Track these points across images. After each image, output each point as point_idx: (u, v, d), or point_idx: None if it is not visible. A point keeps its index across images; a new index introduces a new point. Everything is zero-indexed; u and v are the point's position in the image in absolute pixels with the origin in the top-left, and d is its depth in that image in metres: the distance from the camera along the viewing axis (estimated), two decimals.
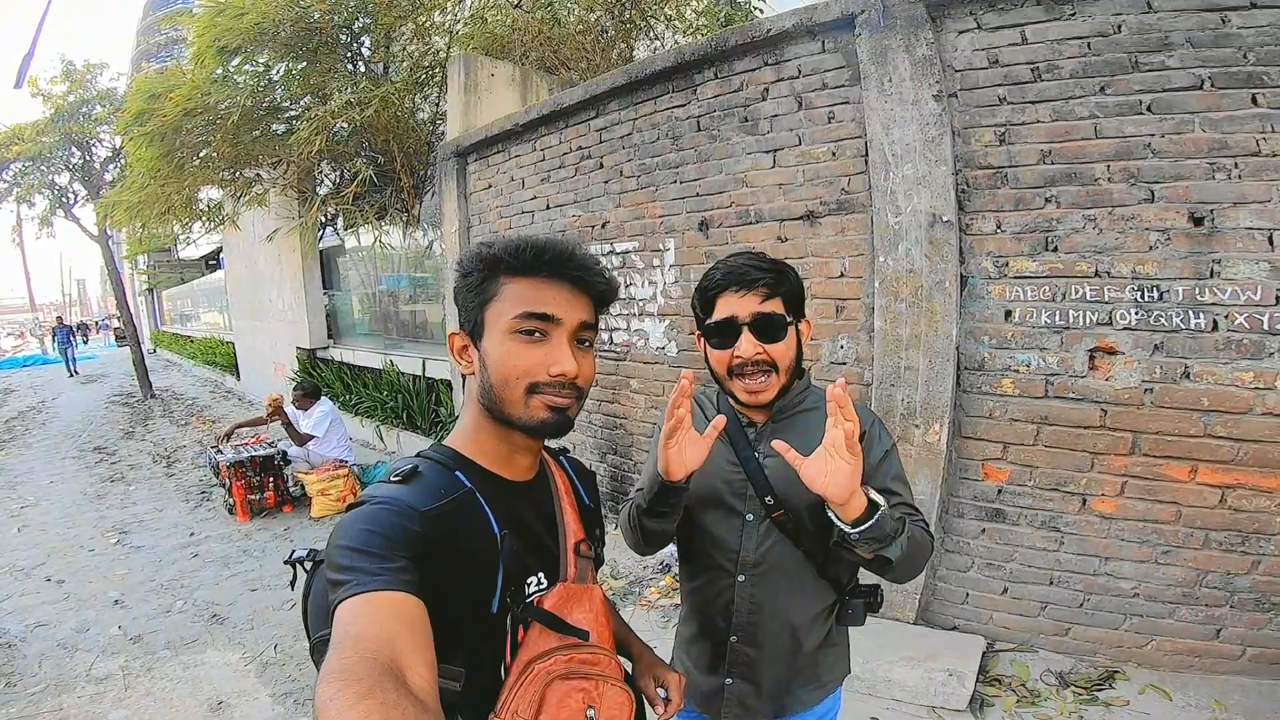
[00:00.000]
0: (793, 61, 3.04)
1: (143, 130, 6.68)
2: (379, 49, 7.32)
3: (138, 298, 26.76)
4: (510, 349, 0.88)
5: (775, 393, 1.21)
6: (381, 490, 0.84)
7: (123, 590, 4.04)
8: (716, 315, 1.21)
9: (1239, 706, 2.35)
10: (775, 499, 1.23)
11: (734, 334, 1.19)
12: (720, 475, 1.27)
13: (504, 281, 0.89)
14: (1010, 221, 2.61)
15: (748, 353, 1.17)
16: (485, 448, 0.94)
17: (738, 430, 1.28)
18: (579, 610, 0.94)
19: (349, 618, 0.67)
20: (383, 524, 0.77)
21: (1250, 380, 2.28)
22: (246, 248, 10.90)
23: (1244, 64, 2.24)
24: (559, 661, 0.86)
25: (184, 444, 8.30)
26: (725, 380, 1.24)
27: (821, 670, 1.33)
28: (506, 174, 4.78)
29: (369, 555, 0.73)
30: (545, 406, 0.88)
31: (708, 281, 1.24)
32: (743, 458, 1.26)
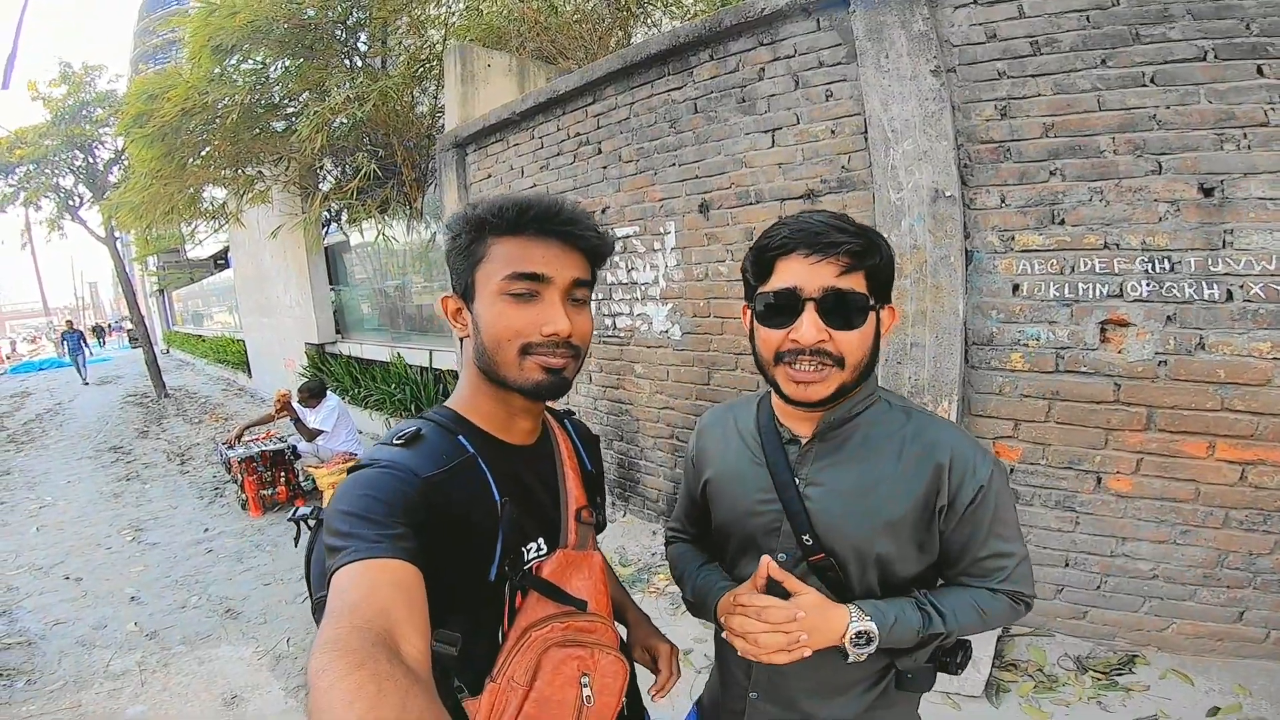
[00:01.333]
0: (788, 40, 2.99)
1: (142, 131, 6.69)
2: (375, 43, 7.29)
3: (149, 299, 26.99)
4: (501, 310, 0.86)
5: (832, 391, 0.92)
6: (384, 453, 0.84)
7: (139, 587, 4.10)
8: (774, 283, 0.92)
9: (1264, 691, 2.29)
10: (815, 539, 0.98)
11: (794, 310, 0.90)
12: (754, 504, 1.04)
13: (491, 242, 0.88)
14: (1015, 195, 2.56)
15: (808, 338, 0.89)
16: (485, 410, 0.93)
17: (776, 448, 1.03)
18: (578, 577, 0.93)
19: (345, 585, 0.67)
20: (383, 489, 0.77)
21: (1268, 350, 2.22)
22: (253, 246, 10.95)
23: (1247, 35, 2.18)
24: (555, 629, 0.86)
25: (197, 441, 8.40)
26: (769, 366, 0.96)
27: None
28: (506, 163, 4.75)
29: (368, 521, 0.72)
30: (540, 368, 0.87)
31: (769, 239, 0.93)
32: (779, 484, 1.01)
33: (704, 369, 3.63)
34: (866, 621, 0.92)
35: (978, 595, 1.00)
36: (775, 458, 1.03)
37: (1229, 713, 2.23)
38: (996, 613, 1.00)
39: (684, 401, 3.77)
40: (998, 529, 0.98)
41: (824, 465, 1.01)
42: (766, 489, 1.03)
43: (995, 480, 0.97)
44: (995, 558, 1.00)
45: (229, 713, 2.76)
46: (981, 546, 0.99)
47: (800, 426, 1.03)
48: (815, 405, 0.95)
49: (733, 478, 1.09)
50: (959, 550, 1.00)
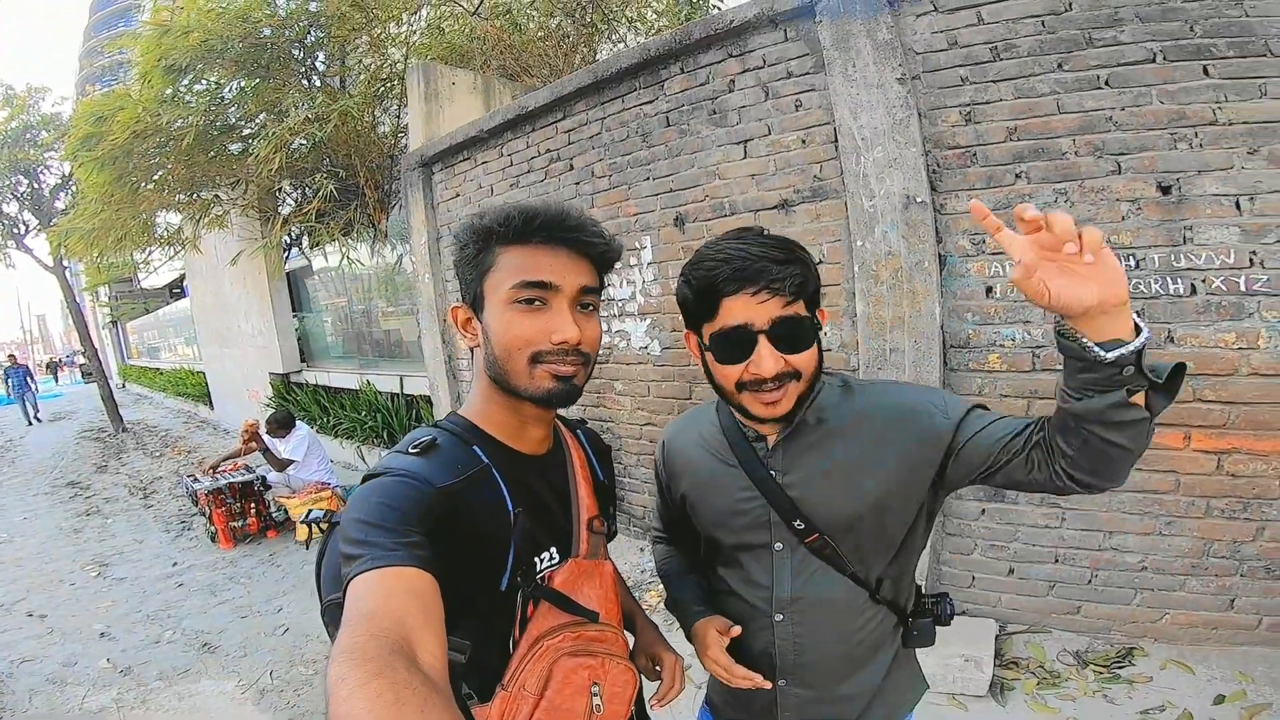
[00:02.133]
0: (757, 51, 3.02)
1: (91, 154, 6.49)
2: (334, 63, 7.20)
3: (102, 331, 26.10)
4: (510, 319, 0.86)
5: (794, 402, 0.98)
6: (398, 462, 0.84)
7: (108, 622, 3.97)
8: (723, 321, 0.95)
9: (1265, 677, 2.32)
10: (806, 522, 1.04)
11: (749, 344, 0.94)
12: (734, 506, 1.09)
13: (499, 251, 0.88)
14: (983, 199, 2.60)
15: (768, 369, 0.93)
16: (497, 419, 0.93)
17: (745, 448, 1.08)
18: (589, 587, 0.94)
19: (362, 593, 0.67)
20: (399, 497, 0.77)
21: (1233, 341, 2.29)
22: (211, 273, 10.67)
23: (1192, 36, 2.27)
24: (567, 639, 0.87)
25: (160, 475, 8.14)
26: (734, 395, 1.00)
27: (891, 696, 1.14)
28: (474, 181, 4.71)
29: (383, 529, 0.73)
30: (550, 376, 0.87)
31: (709, 278, 0.95)
32: (757, 480, 1.06)
33: (685, 383, 3.62)
34: None
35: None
36: (746, 456, 1.08)
37: (1234, 700, 2.26)
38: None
39: (666, 417, 3.75)
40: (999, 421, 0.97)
41: (793, 453, 1.06)
42: (745, 487, 1.08)
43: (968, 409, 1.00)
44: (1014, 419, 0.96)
45: None
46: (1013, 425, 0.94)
47: (763, 427, 1.07)
48: (781, 420, 1.01)
49: (709, 484, 1.13)
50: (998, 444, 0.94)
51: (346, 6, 6.23)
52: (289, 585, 4.23)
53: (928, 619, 1.13)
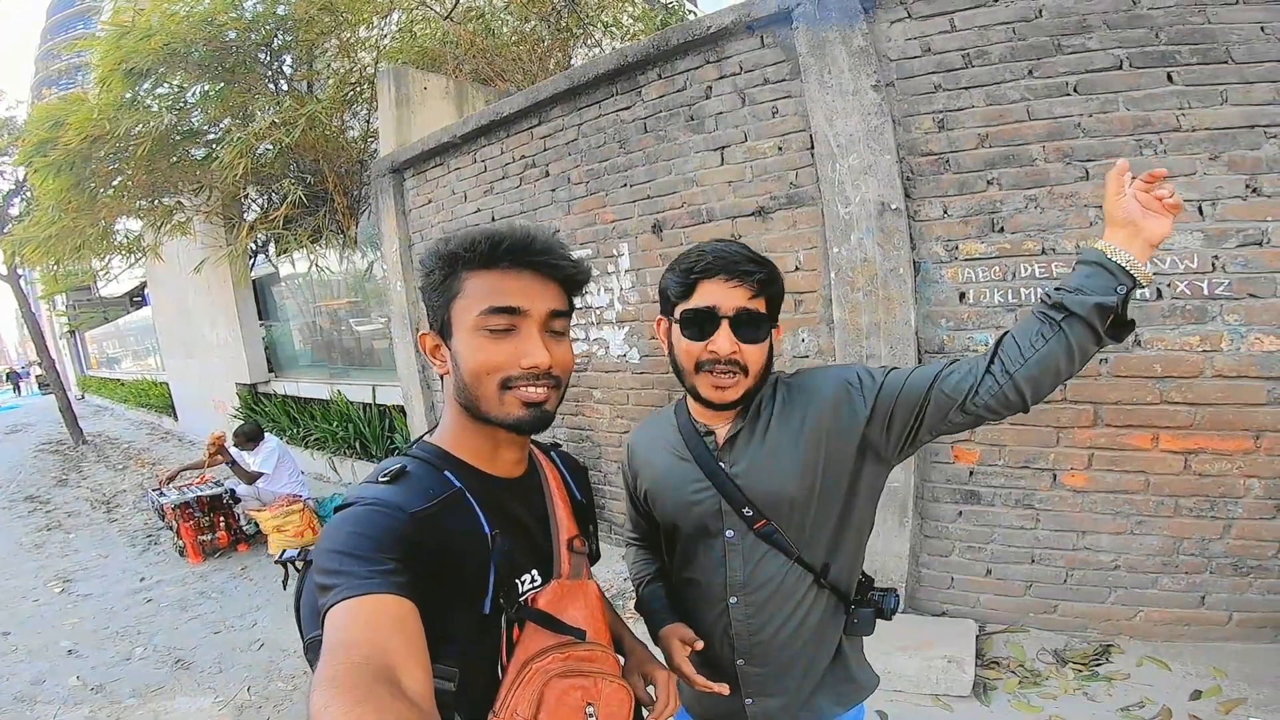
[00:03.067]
0: (734, 58, 3.03)
1: (46, 160, 6.28)
2: (301, 66, 7.06)
3: (59, 340, 25.27)
4: (479, 345, 0.86)
5: (740, 394, 1.12)
6: (369, 491, 0.82)
7: (75, 639, 3.85)
8: (695, 301, 1.10)
9: (1239, 672, 2.37)
10: (753, 509, 1.14)
11: (712, 326, 1.09)
12: (690, 498, 1.19)
13: (465, 277, 0.87)
14: (956, 205, 2.65)
15: (723, 349, 1.08)
16: (469, 445, 0.92)
17: (698, 443, 1.20)
18: (573, 607, 0.93)
19: (339, 623, 0.66)
20: (371, 526, 0.76)
21: (1198, 344, 2.36)
22: (173, 281, 10.40)
23: (1157, 44, 2.33)
24: (556, 660, 0.86)
25: (123, 488, 7.91)
26: (690, 375, 1.14)
27: (850, 674, 1.25)
28: (447, 187, 4.66)
29: (357, 558, 0.72)
30: (521, 403, 0.86)
31: (690, 262, 1.12)
32: (709, 472, 1.17)
33: (664, 391, 3.61)
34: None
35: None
36: (699, 451, 1.19)
37: (1210, 695, 2.30)
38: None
39: None
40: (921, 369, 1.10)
41: (740, 446, 1.17)
42: (698, 479, 1.18)
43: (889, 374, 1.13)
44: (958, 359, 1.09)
45: None
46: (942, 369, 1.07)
47: (715, 422, 1.20)
48: (726, 407, 1.14)
49: (666, 478, 1.23)
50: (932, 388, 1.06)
51: (315, 10, 6.13)
52: (262, 599, 4.13)
53: (869, 609, 1.21)
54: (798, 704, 1.22)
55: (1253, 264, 2.27)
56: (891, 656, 2.55)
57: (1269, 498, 2.38)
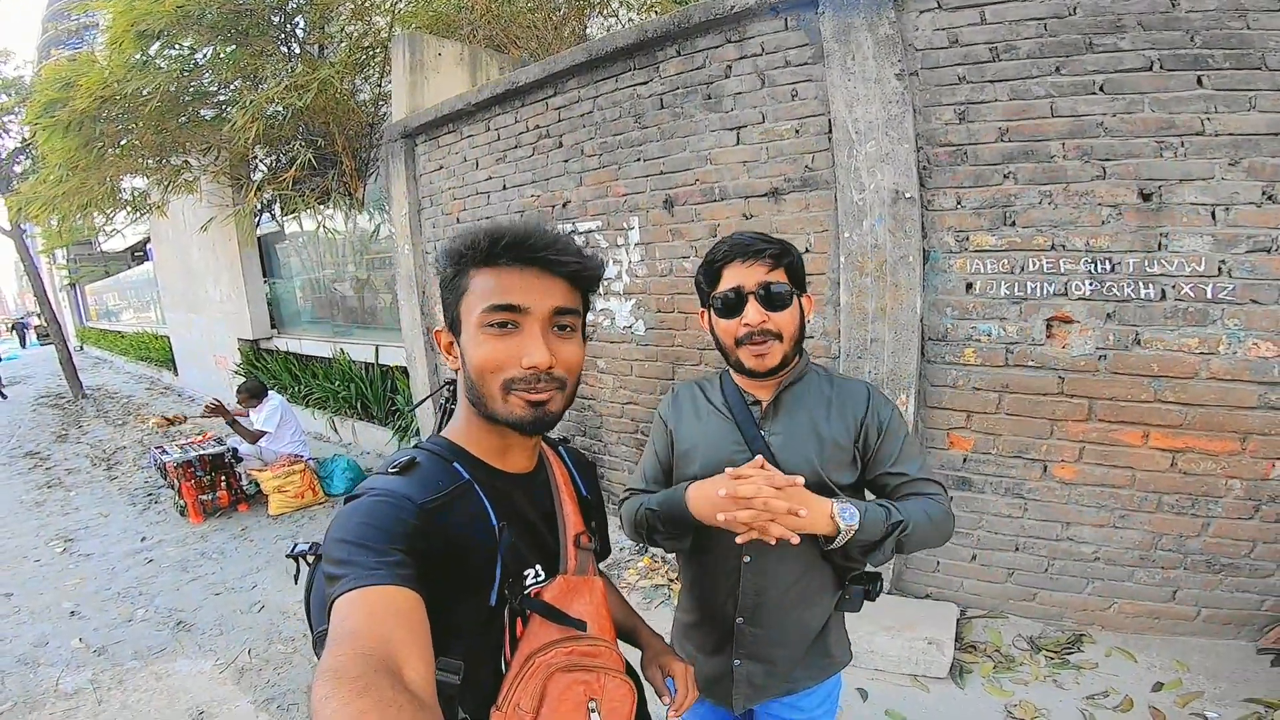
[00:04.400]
0: (756, 39, 3.02)
1: (54, 120, 6.20)
2: (314, 30, 6.96)
3: (59, 293, 25.17)
4: (482, 343, 0.85)
5: (779, 359, 1.23)
6: (378, 482, 0.83)
7: (77, 600, 3.86)
8: (723, 286, 1.24)
9: (1200, 667, 2.46)
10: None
11: (741, 303, 1.22)
12: (726, 456, 1.27)
13: (471, 274, 0.87)
14: (970, 197, 2.67)
15: (754, 320, 1.20)
16: (479, 440, 0.92)
17: (743, 409, 1.31)
18: (579, 602, 0.93)
19: (345, 613, 0.66)
20: (379, 517, 0.76)
21: (1195, 346, 2.40)
22: (177, 237, 10.35)
23: (1191, 46, 2.31)
24: (559, 654, 0.86)
25: (124, 445, 7.89)
26: (732, 350, 1.26)
27: (828, 649, 1.36)
28: (459, 154, 4.64)
29: (365, 549, 0.72)
30: (523, 403, 0.85)
31: (714, 255, 1.26)
32: (748, 437, 1.28)
33: (668, 364, 3.65)
34: (848, 505, 1.14)
35: (922, 502, 1.24)
36: (742, 416, 1.31)
37: (1171, 688, 2.39)
38: (940, 516, 1.23)
39: (648, 396, 3.79)
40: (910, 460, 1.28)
41: (780, 418, 1.29)
42: (737, 440, 1.29)
43: (895, 423, 1.29)
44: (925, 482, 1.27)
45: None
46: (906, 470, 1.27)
47: (759, 392, 1.31)
48: (768, 374, 1.25)
49: (706, 436, 1.33)
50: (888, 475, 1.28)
51: None
52: (263, 561, 4.16)
53: (860, 588, 1.31)
54: (780, 672, 1.32)
55: (1259, 270, 2.30)
56: (875, 636, 2.62)
57: (1249, 498, 2.44)
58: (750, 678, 1.33)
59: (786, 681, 1.33)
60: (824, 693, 1.37)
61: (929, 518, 1.21)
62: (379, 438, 6.47)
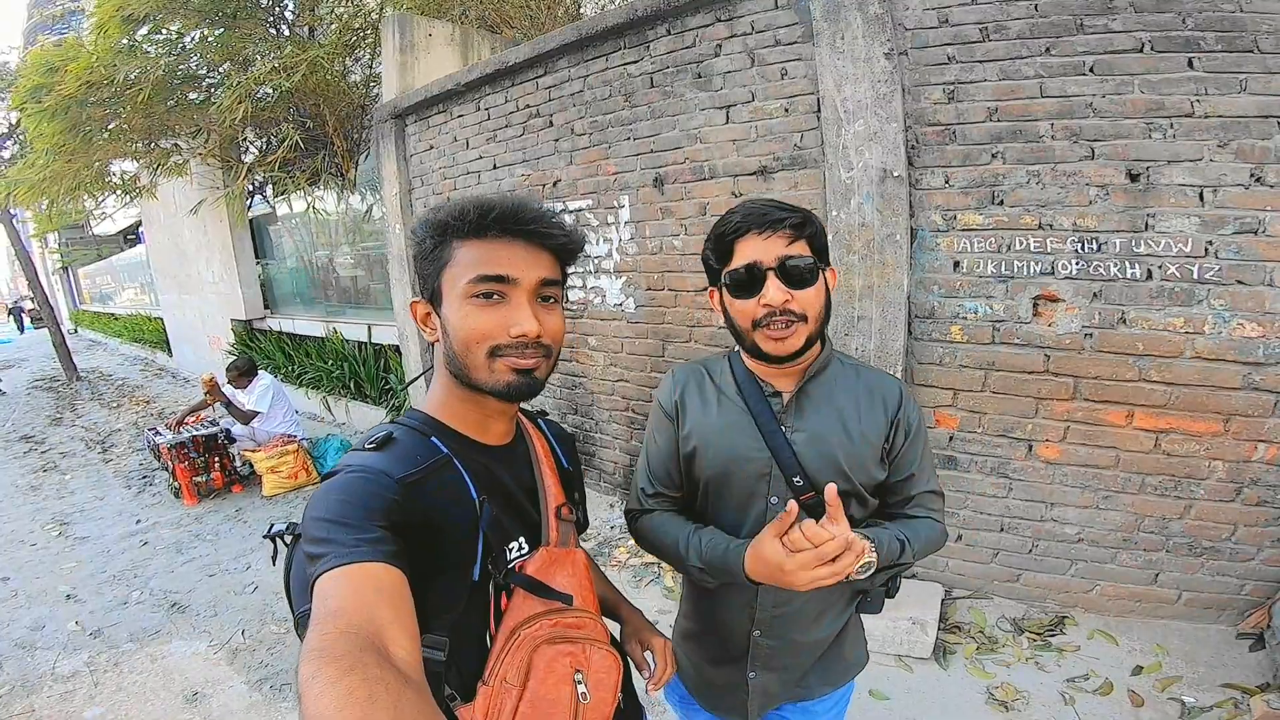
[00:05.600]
0: (746, 18, 3.00)
1: (40, 106, 6.13)
2: (304, 11, 6.87)
3: (51, 277, 25.00)
4: (468, 313, 0.85)
5: (803, 342, 1.07)
6: (356, 459, 0.82)
7: (73, 584, 3.88)
8: (737, 261, 1.07)
9: (1179, 650, 2.48)
10: (805, 479, 1.10)
11: (759, 281, 1.05)
12: (742, 454, 1.14)
13: (455, 246, 0.87)
14: (958, 177, 2.66)
15: (776, 300, 1.04)
16: (458, 413, 0.92)
17: (760, 401, 1.15)
18: (561, 575, 0.93)
19: (328, 592, 0.66)
20: (358, 493, 0.76)
21: (1181, 326, 2.41)
22: (169, 220, 10.28)
23: (1183, 29, 2.30)
24: (544, 626, 0.86)
25: (118, 427, 7.88)
26: (748, 333, 1.09)
27: (844, 652, 1.28)
28: (449, 134, 4.62)
29: (344, 526, 0.71)
30: (510, 369, 0.86)
31: (724, 226, 1.09)
32: (767, 433, 1.13)
33: (658, 341, 3.66)
34: (870, 552, 1.01)
35: (923, 525, 1.17)
36: (760, 409, 1.14)
37: (1150, 671, 2.41)
38: (935, 540, 1.18)
39: (638, 374, 3.80)
40: (926, 470, 1.19)
41: (805, 414, 1.14)
42: (754, 438, 1.14)
43: (921, 427, 1.19)
44: (931, 495, 1.20)
45: (192, 710, 2.65)
46: (919, 483, 1.18)
47: (779, 382, 1.16)
48: (789, 359, 1.09)
49: (718, 430, 1.17)
50: (901, 483, 1.18)
51: None
52: (256, 542, 4.18)
53: (882, 588, 1.21)
54: (794, 680, 1.24)
55: (1245, 251, 2.30)
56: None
57: (1230, 481, 2.46)
58: (765, 687, 1.25)
59: (801, 688, 1.26)
60: (837, 697, 1.32)
61: (927, 542, 1.14)
62: (373, 417, 6.48)
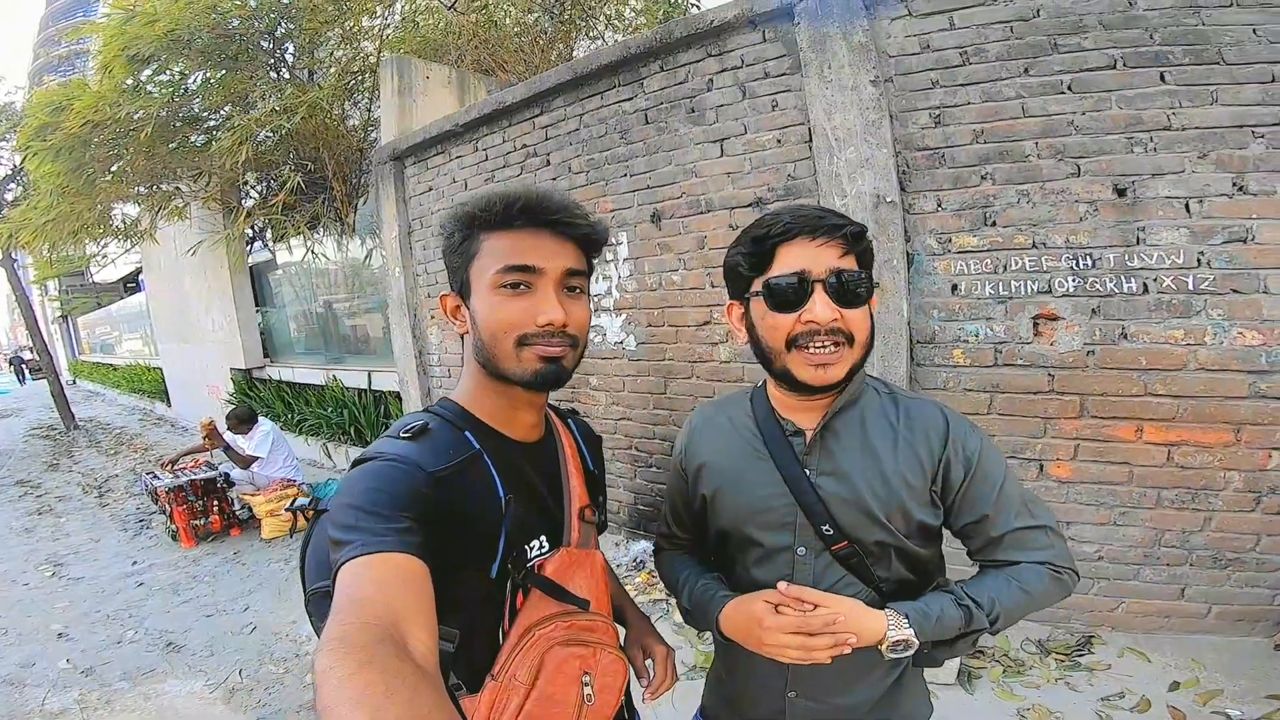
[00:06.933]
0: (736, 51, 3.08)
1: (45, 145, 6.26)
2: (304, 55, 7.07)
3: (51, 325, 25.10)
4: (496, 303, 0.86)
5: (847, 370, 0.94)
6: (390, 446, 0.83)
7: (66, 623, 3.83)
8: (778, 269, 0.93)
9: (1216, 664, 2.42)
10: (836, 528, 0.97)
11: (804, 293, 0.91)
12: (762, 501, 1.02)
13: (483, 238, 0.89)
14: (950, 199, 2.70)
15: (823, 317, 0.90)
16: (488, 405, 0.93)
17: (780, 442, 1.01)
18: (580, 575, 0.94)
19: (351, 580, 0.66)
20: (390, 482, 0.76)
21: (1182, 338, 2.41)
22: (169, 266, 10.37)
23: (1151, 44, 2.38)
24: (559, 628, 0.87)
25: (115, 473, 7.87)
26: (780, 355, 0.95)
27: (902, 710, 1.10)
28: (448, 175, 4.68)
29: (373, 515, 0.72)
30: (538, 358, 0.87)
31: (766, 229, 0.94)
32: (789, 477, 0.99)
33: (660, 378, 3.65)
34: (904, 630, 0.91)
35: (1017, 573, 0.99)
36: (780, 451, 1.01)
37: (1188, 686, 2.35)
38: (1040, 589, 0.98)
39: (641, 411, 3.78)
40: (1011, 505, 0.99)
41: (832, 452, 1.00)
42: (774, 484, 1.01)
43: (985, 452, 0.99)
44: (1031, 532, 1.00)
45: None
46: (1001, 521, 0.99)
47: (802, 418, 1.02)
48: (830, 388, 0.95)
49: (735, 476, 1.06)
50: (975, 526, 1.01)
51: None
52: (255, 584, 4.14)
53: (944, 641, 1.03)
54: None
55: (1237, 260, 2.33)
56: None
57: (1248, 490, 2.43)
58: None
59: None
60: None
61: (1027, 595, 0.97)
62: None
